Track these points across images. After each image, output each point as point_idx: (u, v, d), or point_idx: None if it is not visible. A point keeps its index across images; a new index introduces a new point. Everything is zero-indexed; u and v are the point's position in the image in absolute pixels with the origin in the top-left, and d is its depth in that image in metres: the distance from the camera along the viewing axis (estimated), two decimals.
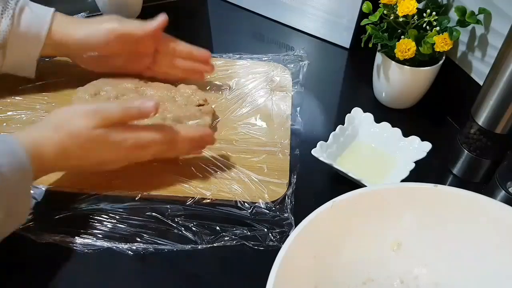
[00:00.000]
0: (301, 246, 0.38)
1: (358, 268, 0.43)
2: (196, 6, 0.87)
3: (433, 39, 0.57)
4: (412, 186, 0.44)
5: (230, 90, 0.67)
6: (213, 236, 0.49)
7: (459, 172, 0.58)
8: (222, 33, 0.82)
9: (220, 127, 0.62)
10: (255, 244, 0.49)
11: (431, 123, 0.66)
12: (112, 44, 0.58)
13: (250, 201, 0.52)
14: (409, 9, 0.57)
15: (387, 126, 0.58)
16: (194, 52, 0.63)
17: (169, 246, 0.48)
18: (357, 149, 0.59)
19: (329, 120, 0.66)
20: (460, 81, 0.64)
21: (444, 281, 0.43)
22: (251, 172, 0.55)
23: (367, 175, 0.52)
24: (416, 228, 0.44)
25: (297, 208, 0.52)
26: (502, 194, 0.50)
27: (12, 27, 0.55)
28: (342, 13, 0.74)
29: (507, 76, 0.47)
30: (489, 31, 0.57)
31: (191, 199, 0.52)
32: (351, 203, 0.42)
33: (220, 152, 0.58)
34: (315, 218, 0.39)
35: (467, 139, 0.55)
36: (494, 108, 0.50)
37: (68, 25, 0.58)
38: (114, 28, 0.58)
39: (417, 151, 0.55)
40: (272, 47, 0.79)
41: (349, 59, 0.77)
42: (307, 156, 0.54)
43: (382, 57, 0.62)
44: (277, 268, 0.36)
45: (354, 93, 0.73)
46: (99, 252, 0.48)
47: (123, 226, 0.50)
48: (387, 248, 0.44)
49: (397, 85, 0.63)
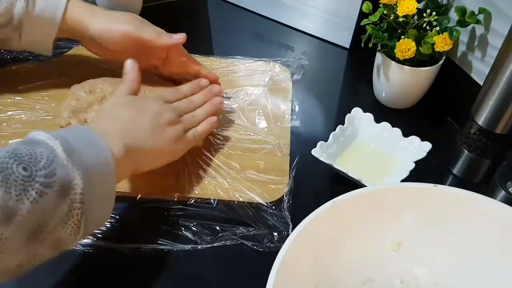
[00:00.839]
0: (301, 246, 0.38)
1: (358, 268, 0.43)
2: (196, 6, 0.87)
3: (433, 39, 0.57)
4: (412, 186, 0.44)
5: (230, 90, 0.67)
6: (213, 236, 0.49)
7: (459, 172, 0.58)
8: (222, 33, 0.82)
9: (219, 127, 0.62)
10: (255, 244, 0.49)
11: (431, 123, 0.66)
12: (124, 45, 0.58)
13: (250, 201, 0.52)
14: (409, 9, 0.57)
15: (387, 126, 0.58)
16: (202, 72, 0.63)
17: (169, 246, 0.48)
18: (357, 149, 0.59)
19: (329, 120, 0.66)
20: (460, 81, 0.64)
21: (444, 281, 0.43)
22: (251, 172, 0.55)
23: (367, 175, 0.52)
24: (416, 228, 0.44)
25: (297, 208, 0.52)
26: (502, 194, 0.50)
27: (27, 10, 0.55)
28: (342, 13, 0.74)
29: (507, 76, 0.47)
30: (489, 31, 0.57)
31: (191, 199, 0.52)
32: (351, 203, 0.42)
33: (220, 152, 0.58)
34: (315, 218, 0.39)
35: (467, 139, 0.55)
36: (494, 108, 0.50)
37: (84, 14, 0.57)
38: (130, 31, 0.57)
39: (417, 151, 0.55)
40: (272, 47, 0.79)
41: (349, 59, 0.77)
42: (307, 156, 0.54)
43: (382, 57, 0.62)
44: (277, 268, 0.36)
45: (354, 93, 0.73)
46: (99, 252, 0.48)
47: (123, 226, 0.50)
48: (387, 248, 0.44)
49: (397, 85, 0.63)
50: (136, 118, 0.48)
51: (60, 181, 0.35)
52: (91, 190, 0.38)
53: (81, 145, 0.39)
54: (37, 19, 0.56)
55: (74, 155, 0.37)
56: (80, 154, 0.38)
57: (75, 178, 0.36)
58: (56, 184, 0.35)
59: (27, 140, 0.38)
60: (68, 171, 0.36)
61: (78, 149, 0.38)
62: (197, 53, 0.72)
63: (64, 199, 0.35)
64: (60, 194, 0.35)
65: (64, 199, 0.35)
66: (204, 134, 0.56)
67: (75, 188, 0.36)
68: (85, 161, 0.38)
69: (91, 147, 0.40)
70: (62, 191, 0.35)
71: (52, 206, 0.35)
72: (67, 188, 0.36)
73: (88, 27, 0.57)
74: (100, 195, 0.39)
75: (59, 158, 0.36)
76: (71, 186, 0.36)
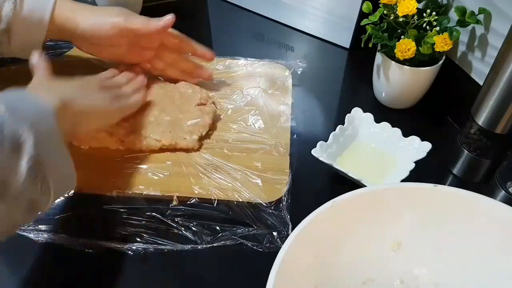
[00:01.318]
0: (301, 246, 0.38)
1: (358, 268, 0.43)
2: (196, 6, 0.87)
3: (433, 39, 0.57)
4: (412, 186, 0.44)
5: (230, 90, 0.67)
6: (213, 236, 0.49)
7: (459, 172, 0.58)
8: (222, 33, 0.82)
9: (219, 127, 0.62)
10: (255, 244, 0.49)
11: (431, 123, 0.66)
12: (115, 38, 0.59)
13: (250, 201, 0.52)
14: (409, 9, 0.57)
15: (387, 126, 0.58)
16: (198, 50, 0.64)
17: (169, 246, 0.48)
18: (357, 149, 0.59)
19: (329, 120, 0.66)
20: (460, 81, 0.64)
21: (444, 281, 0.43)
22: (251, 172, 0.55)
23: (367, 175, 0.52)
24: (416, 228, 0.44)
25: (297, 208, 0.52)
26: (502, 194, 0.50)
27: (15, 12, 0.55)
28: (342, 13, 0.74)
29: (507, 76, 0.47)
30: (489, 31, 0.57)
31: (191, 199, 0.52)
32: (351, 203, 0.42)
33: (220, 152, 0.58)
34: (315, 218, 0.39)
35: (467, 139, 0.55)
36: (494, 108, 0.50)
37: (73, 12, 0.58)
38: (119, 22, 0.58)
39: (417, 151, 0.55)
40: (272, 47, 0.79)
41: (349, 59, 0.77)
42: (307, 156, 0.54)
43: (382, 57, 0.62)
44: (277, 268, 0.36)
45: (354, 93, 0.73)
46: (98, 252, 0.47)
47: (123, 226, 0.50)
48: (387, 248, 0.44)
49: (397, 85, 0.63)
50: (71, 82, 0.52)
51: (9, 137, 0.36)
52: (42, 144, 0.39)
53: (20, 101, 0.41)
54: (26, 20, 0.56)
55: (18, 112, 0.39)
56: (22, 109, 0.40)
57: (24, 131, 0.37)
58: (6, 140, 0.36)
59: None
60: (14, 126, 0.37)
61: (20, 107, 0.40)
62: None
63: (20, 155, 0.37)
64: (13, 150, 0.36)
65: (19, 155, 0.37)
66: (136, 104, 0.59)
67: (26, 142, 0.37)
68: (28, 116, 0.39)
69: (30, 101, 0.42)
70: (15, 146, 0.36)
71: (8, 163, 0.36)
72: (18, 143, 0.37)
73: (78, 24, 0.58)
74: (52, 148, 0.41)
75: (4, 117, 0.37)
76: (22, 141, 0.37)
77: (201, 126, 0.59)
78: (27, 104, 0.41)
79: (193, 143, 0.57)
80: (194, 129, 0.59)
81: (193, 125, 0.59)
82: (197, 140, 0.58)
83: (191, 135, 0.58)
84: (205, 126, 0.59)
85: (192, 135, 0.58)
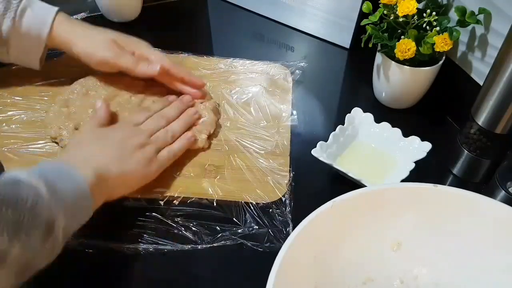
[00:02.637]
0: (301, 246, 0.38)
1: (358, 268, 0.43)
2: (196, 6, 0.87)
3: (433, 39, 0.57)
4: (412, 186, 0.44)
5: (230, 90, 0.67)
6: (213, 236, 0.49)
7: (459, 172, 0.58)
8: (222, 33, 0.82)
9: (219, 127, 0.62)
10: (255, 244, 0.49)
11: (431, 123, 0.66)
12: (105, 67, 0.60)
13: (250, 201, 0.52)
14: (409, 9, 0.57)
15: (387, 126, 0.58)
16: (187, 78, 0.61)
17: (169, 246, 0.48)
18: (357, 149, 0.59)
19: (329, 120, 0.66)
20: (460, 81, 0.64)
21: (444, 281, 0.43)
22: (251, 172, 0.55)
23: (367, 175, 0.52)
24: (416, 228, 0.44)
25: (296, 208, 0.52)
26: (502, 194, 0.50)
27: (13, 28, 0.56)
28: (342, 13, 0.74)
29: (507, 76, 0.47)
30: (489, 31, 0.57)
31: (191, 199, 0.52)
32: (351, 203, 0.42)
33: (220, 152, 0.58)
34: (315, 218, 0.39)
35: (467, 139, 0.55)
36: (494, 108, 0.50)
37: (68, 34, 0.59)
38: (107, 58, 0.59)
39: (417, 151, 0.55)
40: (272, 47, 0.79)
41: (349, 59, 0.77)
42: (307, 156, 0.54)
43: (382, 57, 0.62)
44: (277, 268, 0.36)
45: (354, 93, 0.73)
46: (98, 252, 0.47)
47: (123, 226, 0.50)
48: (387, 248, 0.44)
49: (397, 85, 0.63)
50: (103, 146, 0.49)
51: (45, 221, 0.37)
52: (72, 223, 0.41)
53: (59, 179, 0.41)
54: (24, 36, 0.57)
55: (56, 193, 0.39)
56: (61, 190, 0.40)
57: (58, 217, 0.38)
58: (42, 224, 0.37)
59: (8, 179, 0.37)
60: (52, 210, 0.38)
61: (59, 186, 0.40)
62: (197, 53, 0.72)
63: (49, 238, 0.37)
64: (45, 233, 0.37)
65: (48, 238, 0.37)
66: (180, 152, 0.55)
67: (58, 226, 0.38)
68: (65, 196, 0.40)
69: (68, 180, 0.42)
70: (47, 230, 0.37)
71: (39, 245, 0.37)
72: (51, 226, 0.38)
73: (71, 48, 0.59)
74: (78, 223, 0.42)
75: (43, 198, 0.37)
76: (55, 225, 0.38)
77: (208, 124, 0.59)
78: (65, 184, 0.41)
79: (203, 142, 0.57)
80: (202, 128, 0.58)
81: (200, 124, 0.59)
82: (206, 139, 0.58)
83: (200, 134, 0.58)
84: (212, 124, 0.59)
85: (200, 134, 0.58)
